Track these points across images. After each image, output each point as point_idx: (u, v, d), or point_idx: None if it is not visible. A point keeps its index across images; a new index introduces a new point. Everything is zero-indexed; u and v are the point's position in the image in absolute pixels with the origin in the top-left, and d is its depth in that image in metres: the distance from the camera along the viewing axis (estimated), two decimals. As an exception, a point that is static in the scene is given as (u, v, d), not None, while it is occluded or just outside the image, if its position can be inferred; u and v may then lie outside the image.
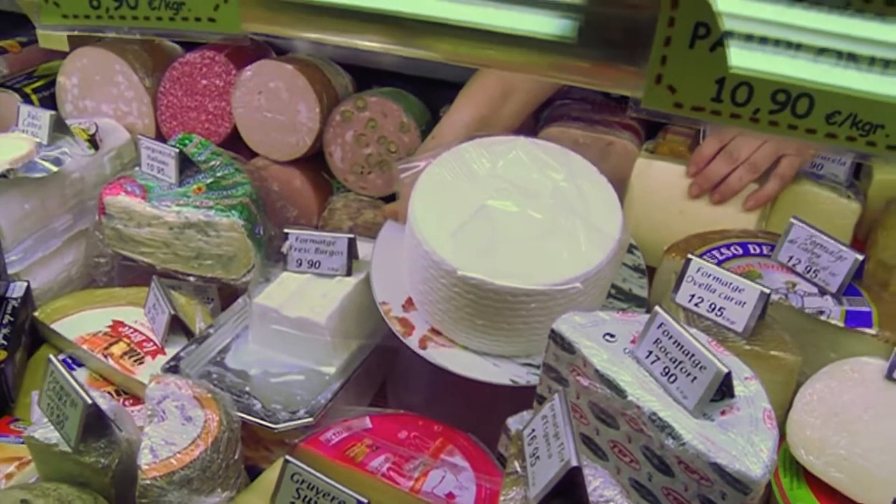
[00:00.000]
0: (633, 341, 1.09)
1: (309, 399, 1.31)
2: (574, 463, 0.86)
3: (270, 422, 1.25)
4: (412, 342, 1.33)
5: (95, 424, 1.08)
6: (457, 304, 1.27)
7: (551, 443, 0.92)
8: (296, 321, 1.36)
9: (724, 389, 1.01)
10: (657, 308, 1.05)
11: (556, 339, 1.11)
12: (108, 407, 1.12)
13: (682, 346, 1.02)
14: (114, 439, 1.10)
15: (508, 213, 1.32)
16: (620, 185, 1.51)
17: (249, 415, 1.25)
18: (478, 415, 1.34)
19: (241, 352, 1.42)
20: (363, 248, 1.49)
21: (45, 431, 1.11)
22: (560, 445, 0.90)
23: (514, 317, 1.26)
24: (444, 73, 1.71)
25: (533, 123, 1.66)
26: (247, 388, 1.33)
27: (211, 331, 1.43)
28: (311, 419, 1.26)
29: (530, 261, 1.26)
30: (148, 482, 1.04)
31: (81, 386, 1.07)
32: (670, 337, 1.03)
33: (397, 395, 1.52)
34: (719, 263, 1.27)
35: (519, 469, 0.95)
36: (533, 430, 0.97)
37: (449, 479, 1.20)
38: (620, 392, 1.03)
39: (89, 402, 1.05)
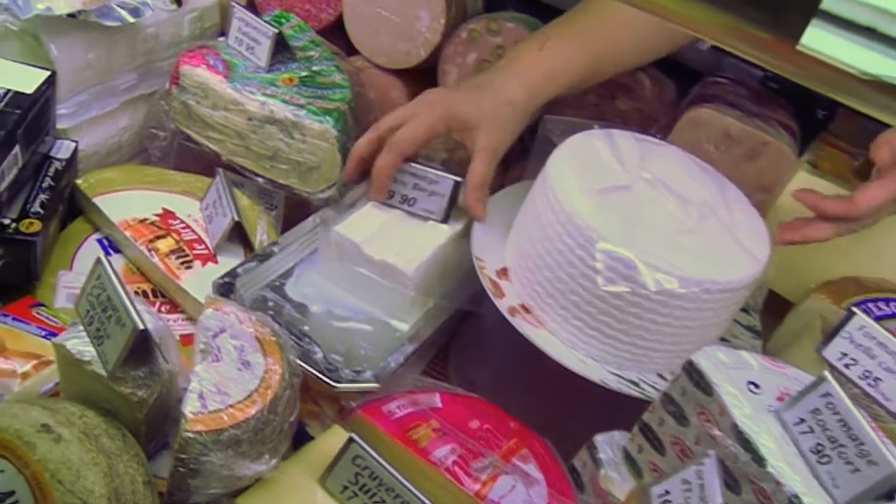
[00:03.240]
0: (779, 398, 0.95)
1: (375, 358, 1.18)
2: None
3: (331, 378, 1.11)
4: (502, 305, 1.20)
5: (140, 351, 0.94)
6: (568, 278, 1.14)
7: (694, 521, 0.79)
8: (377, 264, 1.22)
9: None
10: (826, 374, 0.91)
11: (692, 373, 0.97)
12: (153, 327, 0.98)
13: (850, 429, 0.88)
14: (156, 370, 0.97)
15: (653, 202, 1.19)
16: (763, 191, 1.36)
17: (308, 363, 1.12)
18: (550, 413, 1.22)
19: (304, 281, 1.29)
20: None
21: (78, 343, 0.97)
22: (709, 531, 0.77)
23: (632, 314, 1.12)
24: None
25: (676, 99, 1.49)
26: (305, 328, 1.19)
27: (275, 249, 1.29)
28: (376, 385, 1.13)
29: (675, 255, 1.12)
30: (191, 435, 0.91)
31: (134, 305, 0.92)
32: (835, 413, 0.89)
33: (462, 367, 1.39)
34: (876, 320, 1.12)
35: (643, 537, 0.82)
36: (667, 493, 0.84)
37: (519, 490, 1.08)
38: (759, 459, 0.89)
39: (141, 327, 0.90)
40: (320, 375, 1.11)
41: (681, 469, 0.87)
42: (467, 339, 1.42)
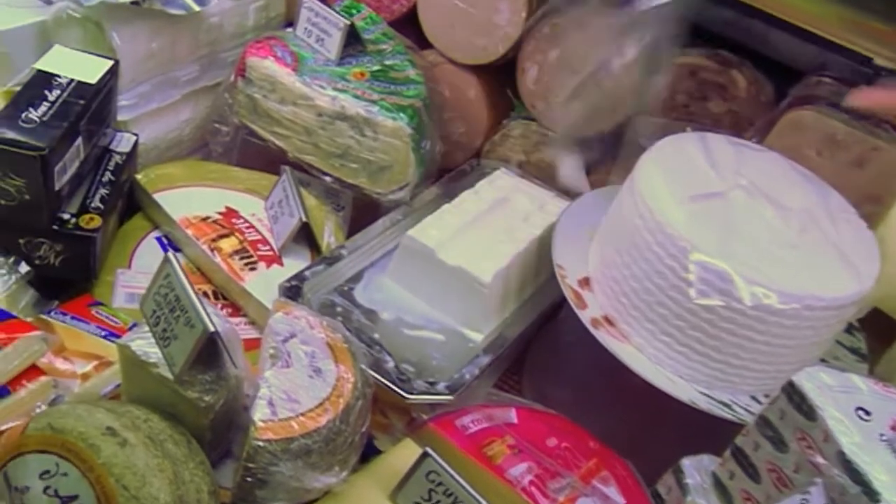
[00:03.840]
0: (893, 427, 0.94)
1: (448, 369, 1.19)
2: None
3: (403, 389, 1.13)
4: (584, 317, 1.21)
5: (208, 354, 0.96)
6: (656, 290, 1.14)
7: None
8: (452, 270, 1.24)
9: None
10: (945, 401, 0.90)
11: (793, 395, 0.96)
12: (222, 329, 0.99)
13: (973, 463, 0.86)
14: (223, 374, 0.99)
15: (749, 211, 1.19)
16: (873, 201, 1.34)
17: (379, 373, 1.13)
18: (632, 434, 1.22)
19: (374, 286, 1.31)
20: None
21: (143, 344, 0.99)
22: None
23: (725, 330, 1.11)
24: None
25: (774, 100, 1.48)
26: (376, 335, 1.21)
27: (343, 252, 1.31)
28: (450, 397, 1.14)
29: (774, 268, 1.11)
30: (261, 444, 0.92)
31: (204, 306, 0.94)
32: (957, 443, 0.88)
33: (537, 381, 1.39)
34: None
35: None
36: (769, 524, 0.83)
37: (600, 514, 1.08)
38: (871, 493, 0.88)
39: (212, 329, 0.92)
40: (392, 386, 1.12)
41: (782, 499, 0.86)
42: (543, 352, 1.42)
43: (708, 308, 1.10)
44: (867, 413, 0.95)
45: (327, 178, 1.45)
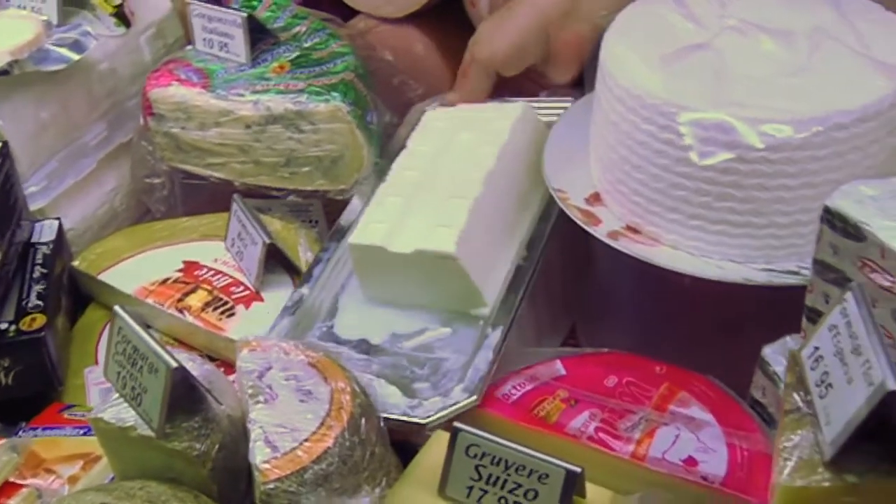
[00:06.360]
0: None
1: (463, 365, 1.27)
2: (891, 386, 0.82)
3: (416, 415, 1.21)
4: (600, 232, 1.31)
5: (185, 397, 1.08)
6: (663, 171, 1.24)
7: (849, 362, 0.88)
8: (412, 258, 1.31)
9: None
10: None
11: (833, 220, 1.03)
12: (199, 372, 1.12)
13: None
14: (210, 416, 1.10)
15: (743, 50, 1.29)
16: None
17: (384, 410, 1.21)
18: (710, 357, 1.30)
19: (352, 311, 1.40)
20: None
21: (116, 410, 1.12)
22: (865, 364, 0.85)
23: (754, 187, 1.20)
24: None
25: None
26: (374, 367, 1.29)
27: (304, 292, 1.40)
28: (473, 398, 1.21)
29: (781, 99, 1.20)
30: (272, 486, 1.03)
31: (161, 344, 1.07)
32: None
33: (594, 340, 1.49)
34: None
35: (801, 404, 0.93)
36: (816, 350, 0.93)
37: (686, 438, 1.17)
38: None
39: (174, 365, 1.04)
40: (402, 418, 1.20)
41: (827, 319, 0.94)
42: (588, 304, 1.54)
43: (721, 169, 1.19)
44: (923, 214, 1.01)
45: (286, 195, 1.58)
